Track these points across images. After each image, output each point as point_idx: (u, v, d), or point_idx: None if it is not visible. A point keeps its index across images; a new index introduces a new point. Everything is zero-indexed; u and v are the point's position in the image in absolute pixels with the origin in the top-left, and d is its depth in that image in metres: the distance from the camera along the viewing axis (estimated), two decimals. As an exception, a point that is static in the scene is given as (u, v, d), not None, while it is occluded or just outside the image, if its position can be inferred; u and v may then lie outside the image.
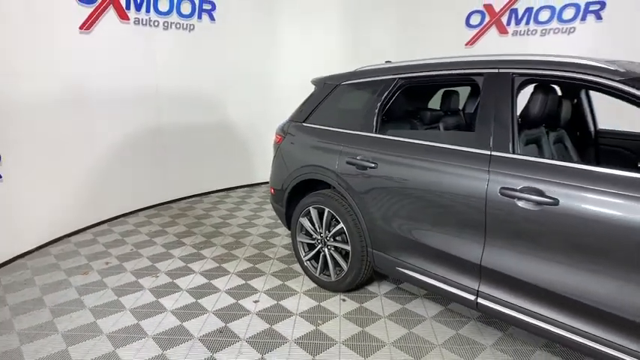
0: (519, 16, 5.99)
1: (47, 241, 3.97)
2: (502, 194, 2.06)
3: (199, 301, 2.96)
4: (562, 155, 2.74)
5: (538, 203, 1.94)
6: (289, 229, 3.39)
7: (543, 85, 2.29)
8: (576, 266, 1.89)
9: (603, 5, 5.37)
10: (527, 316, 2.07)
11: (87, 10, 4.19)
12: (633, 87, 1.84)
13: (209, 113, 5.50)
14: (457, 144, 2.34)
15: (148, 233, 4.26)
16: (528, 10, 5.92)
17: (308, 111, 3.27)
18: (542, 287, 2.00)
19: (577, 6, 5.54)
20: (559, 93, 2.47)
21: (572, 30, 5.64)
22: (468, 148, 2.26)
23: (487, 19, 6.19)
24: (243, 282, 3.24)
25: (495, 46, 6.10)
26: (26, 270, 3.46)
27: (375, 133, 2.76)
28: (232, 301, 2.97)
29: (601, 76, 1.93)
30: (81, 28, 4.17)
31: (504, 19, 6.10)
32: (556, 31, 5.78)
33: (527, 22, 5.96)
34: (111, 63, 4.42)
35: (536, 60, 2.17)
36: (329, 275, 3.06)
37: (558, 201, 1.89)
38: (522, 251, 2.05)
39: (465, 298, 2.30)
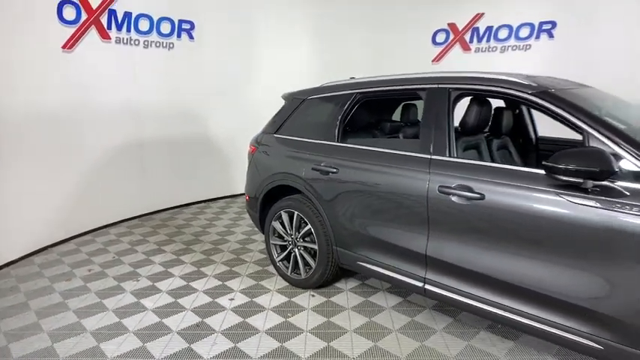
0: (481, 34, 6.44)
1: (31, 251, 4.13)
2: (440, 192, 2.38)
3: (178, 300, 3.19)
4: (506, 159, 3.07)
5: (468, 198, 2.26)
6: (263, 233, 3.65)
7: (477, 97, 2.62)
8: (503, 251, 2.20)
9: (554, 25, 5.85)
10: (468, 299, 2.37)
11: (69, 30, 4.43)
12: (542, 99, 2.19)
13: (189, 127, 5.75)
14: (405, 150, 2.66)
15: (129, 242, 4.46)
16: (489, 28, 6.37)
17: (279, 123, 3.57)
18: (477, 272, 2.31)
19: (532, 25, 6.01)
20: (493, 105, 2.80)
21: (528, 47, 6.10)
22: (414, 153, 2.58)
23: (451, 36, 6.62)
24: (220, 283, 3.48)
25: (459, 63, 6.52)
26: (10, 278, 3.63)
27: (337, 142, 3.06)
28: (209, 299, 3.20)
29: (516, 90, 2.28)
30: (63, 47, 4.40)
31: (467, 37, 6.55)
32: (514, 48, 6.23)
33: (488, 40, 6.41)
34: (93, 80, 4.66)
35: (467, 76, 2.52)
36: (299, 273, 3.32)
37: (484, 195, 2.21)
38: (459, 241, 2.36)
39: (415, 285, 2.60)
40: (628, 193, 1.84)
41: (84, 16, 4.52)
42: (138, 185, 5.28)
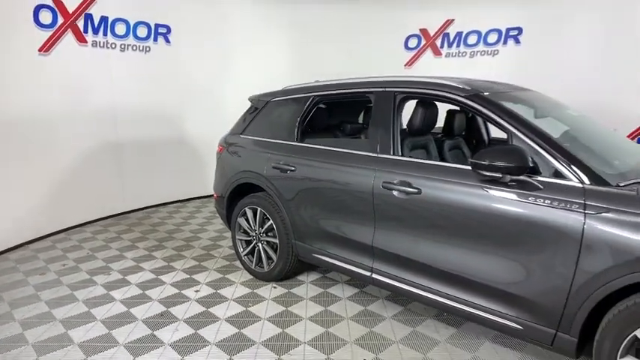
0: (451, 39, 6.69)
1: (5, 248, 4.25)
2: (383, 187, 2.58)
3: (146, 292, 3.35)
4: (458, 159, 3.27)
5: (407, 193, 2.47)
6: (230, 229, 3.82)
7: (421, 100, 2.83)
8: (437, 241, 2.41)
9: (521, 31, 6.12)
10: (409, 286, 2.58)
11: (45, 34, 4.56)
12: (473, 101, 2.41)
13: (166, 129, 5.90)
14: (356, 149, 2.86)
15: (104, 239, 4.60)
16: (458, 34, 6.62)
17: (245, 124, 3.75)
18: (417, 261, 2.52)
19: (499, 31, 6.28)
20: (438, 107, 3.00)
21: (496, 52, 6.36)
22: (363, 152, 2.78)
23: (423, 42, 6.86)
24: (188, 276, 3.65)
25: (431, 67, 6.75)
26: (-14, 273, 3.75)
27: (296, 141, 3.25)
28: (176, 291, 3.37)
29: (451, 93, 2.50)
30: (40, 50, 4.53)
31: (438, 42, 6.79)
32: (482, 53, 6.49)
33: (458, 45, 6.66)
34: (70, 82, 4.79)
35: (410, 81, 2.73)
36: (262, 267, 3.50)
37: (421, 190, 2.42)
38: (400, 232, 2.57)
39: (364, 274, 2.80)
40: (542, 187, 2.05)
41: (60, 20, 4.66)
42: (114, 185, 5.42)
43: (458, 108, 2.59)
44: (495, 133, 3.95)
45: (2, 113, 4.15)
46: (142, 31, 5.50)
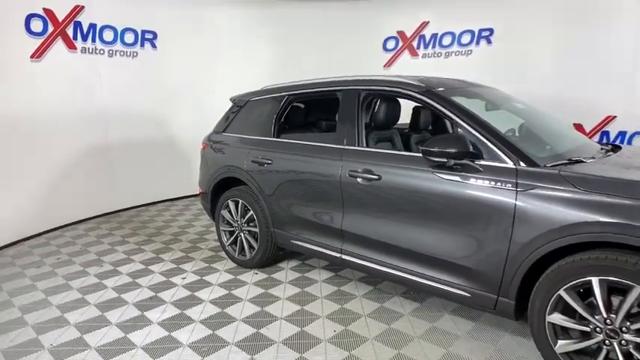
0: (427, 41, 6.99)
1: (2, 245, 4.47)
2: (349, 175, 2.86)
3: (136, 280, 3.60)
4: None
5: (369, 179, 2.75)
6: (214, 221, 4.08)
7: (383, 97, 3.10)
8: (396, 222, 2.69)
9: (492, 31, 6.43)
10: (373, 264, 2.86)
11: (37, 41, 4.80)
12: (425, 97, 2.70)
13: (154, 130, 6.14)
14: (325, 142, 3.13)
15: (96, 235, 4.84)
16: (434, 35, 6.93)
17: (226, 123, 4.02)
18: (379, 240, 2.80)
19: (472, 32, 6.59)
20: (400, 104, 3.28)
21: (469, 52, 6.67)
22: (331, 144, 3.06)
23: (400, 43, 7.16)
24: (175, 266, 3.90)
25: (408, 67, 7.04)
26: (-16, 268, 3.98)
27: (273, 137, 3.53)
28: (164, 279, 3.62)
29: (407, 90, 2.78)
30: (32, 57, 4.77)
31: (415, 44, 7.09)
32: (457, 53, 6.80)
33: (434, 46, 6.96)
34: (61, 87, 5.03)
35: (372, 79, 3.02)
36: (245, 255, 3.77)
37: (381, 177, 2.70)
38: (365, 215, 2.85)
39: (334, 255, 3.08)
40: (482, 169, 2.34)
41: (50, 28, 4.90)
42: (106, 185, 5.65)
43: (420, 104, 2.85)
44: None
45: (-3, 117, 4.38)
46: (129, 37, 5.75)
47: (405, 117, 3.55)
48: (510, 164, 2.28)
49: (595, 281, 1.98)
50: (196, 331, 2.78)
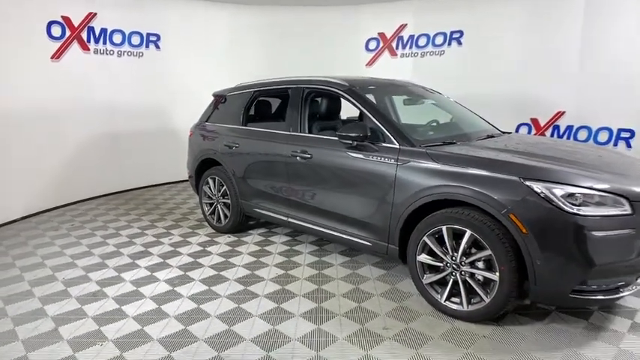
0: (404, 42, 7.70)
1: (26, 214, 5.43)
2: (292, 155, 3.68)
3: (132, 240, 4.49)
4: None
5: (304, 158, 3.57)
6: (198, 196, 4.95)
7: (319, 93, 3.86)
8: (324, 190, 3.50)
9: (462, 33, 7.10)
10: (309, 224, 3.67)
11: (56, 44, 5.72)
12: (346, 94, 3.48)
13: (157, 121, 7.04)
14: (278, 129, 3.95)
15: (105, 208, 5.77)
16: (411, 37, 7.64)
17: (209, 113, 4.87)
18: (313, 206, 3.62)
19: (444, 34, 7.27)
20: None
21: (442, 53, 7.36)
22: (282, 131, 3.88)
23: (381, 44, 7.88)
24: (166, 231, 4.78)
25: (388, 67, 7.76)
26: (13, 230, 4.93)
27: (241, 125, 4.36)
28: (154, 239, 4.50)
29: (334, 88, 3.58)
30: (52, 57, 5.70)
31: (394, 44, 7.81)
32: (431, 53, 7.50)
33: (411, 47, 7.67)
34: (76, 83, 5.95)
35: (310, 79, 3.81)
36: (221, 222, 4.62)
37: (312, 156, 3.52)
38: (302, 187, 3.66)
39: (283, 219, 3.91)
40: (377, 149, 3.13)
41: (68, 33, 5.82)
42: (114, 168, 6.58)
43: (344, 99, 3.63)
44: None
45: (22, 109, 5.31)
46: (135, 40, 6.64)
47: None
48: (396, 145, 3.06)
49: (444, 229, 2.77)
50: (172, 272, 3.66)
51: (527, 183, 2.46)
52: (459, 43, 7.17)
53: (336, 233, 3.49)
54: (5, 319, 2.96)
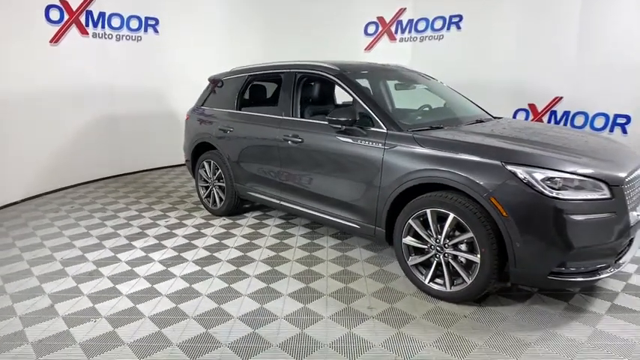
0: (404, 26, 7.65)
1: (27, 197, 5.53)
2: (284, 139, 3.73)
3: (130, 222, 4.58)
4: None
5: (295, 142, 3.62)
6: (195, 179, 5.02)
7: (311, 78, 3.88)
8: (315, 175, 3.56)
9: (461, 18, 7.05)
10: (301, 207, 3.74)
11: (54, 28, 5.74)
12: (337, 78, 3.51)
13: (156, 105, 7.08)
14: (271, 114, 3.99)
15: (104, 191, 5.86)
16: (410, 21, 7.58)
17: (204, 98, 4.91)
18: (305, 189, 3.68)
19: (444, 18, 7.21)
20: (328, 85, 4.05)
21: (441, 37, 7.31)
22: (274, 115, 3.92)
23: (380, 28, 7.84)
24: (162, 213, 4.87)
25: (387, 51, 7.73)
26: (14, 212, 5.04)
27: (235, 109, 4.41)
28: (150, 221, 4.59)
29: (325, 72, 3.60)
30: (51, 41, 5.73)
31: (393, 29, 7.76)
32: (430, 38, 7.45)
33: (410, 31, 7.62)
34: (75, 67, 5.99)
35: (302, 64, 3.83)
36: (217, 205, 4.70)
37: (303, 140, 3.57)
38: (294, 170, 3.72)
39: (275, 202, 3.97)
40: (366, 133, 3.18)
41: (66, 17, 5.84)
42: (112, 152, 6.65)
43: (335, 84, 3.65)
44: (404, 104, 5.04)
45: (23, 92, 5.37)
46: (134, 24, 6.65)
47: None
48: (384, 129, 3.11)
49: (428, 212, 2.82)
50: (167, 253, 3.75)
51: (509, 167, 2.51)
52: (458, 27, 7.11)
53: (326, 216, 3.55)
54: (4, 296, 3.06)
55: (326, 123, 3.40)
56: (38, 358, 2.37)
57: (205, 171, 4.74)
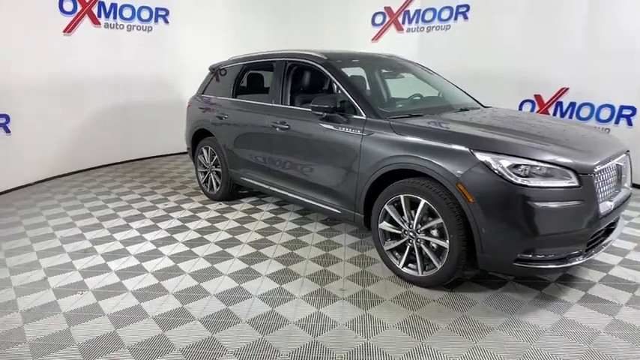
0: (411, 16, 7.60)
1: (43, 178, 5.81)
2: (272, 126, 3.82)
3: (132, 204, 4.78)
4: None
5: (283, 129, 3.71)
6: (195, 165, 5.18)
7: (300, 67, 3.94)
8: (301, 160, 3.64)
9: (468, 8, 6.96)
10: (290, 193, 3.83)
11: (68, 19, 5.97)
12: (324, 67, 3.57)
13: (165, 94, 7.28)
14: (264, 101, 4.08)
15: (113, 175, 6.10)
16: (417, 11, 7.52)
17: (204, 86, 5.05)
18: (292, 175, 3.77)
19: (451, 8, 7.14)
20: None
21: (448, 27, 7.24)
22: (265, 102, 4.01)
23: (387, 18, 7.80)
24: (163, 197, 5.05)
25: (394, 42, 7.70)
26: (25, 193, 5.31)
27: (231, 97, 4.52)
28: (151, 204, 4.78)
29: (313, 61, 3.66)
30: (64, 31, 5.96)
31: (400, 19, 7.72)
32: (437, 28, 7.38)
33: (417, 21, 7.57)
34: (87, 56, 6.22)
35: (292, 53, 3.90)
36: (214, 190, 4.85)
37: (290, 127, 3.65)
38: (283, 156, 3.81)
39: (267, 188, 4.08)
40: (346, 120, 3.24)
41: (79, 8, 6.06)
42: (123, 138, 6.89)
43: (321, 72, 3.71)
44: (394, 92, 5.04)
45: (38, 79, 5.62)
46: (144, 14, 6.84)
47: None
48: (363, 117, 3.16)
49: (402, 197, 2.88)
50: (160, 234, 3.92)
51: (476, 154, 2.53)
52: (465, 17, 7.02)
53: (312, 202, 3.64)
54: (3, 269, 3.28)
55: (310, 110, 3.47)
56: (24, 324, 2.55)
57: (203, 157, 4.89)
